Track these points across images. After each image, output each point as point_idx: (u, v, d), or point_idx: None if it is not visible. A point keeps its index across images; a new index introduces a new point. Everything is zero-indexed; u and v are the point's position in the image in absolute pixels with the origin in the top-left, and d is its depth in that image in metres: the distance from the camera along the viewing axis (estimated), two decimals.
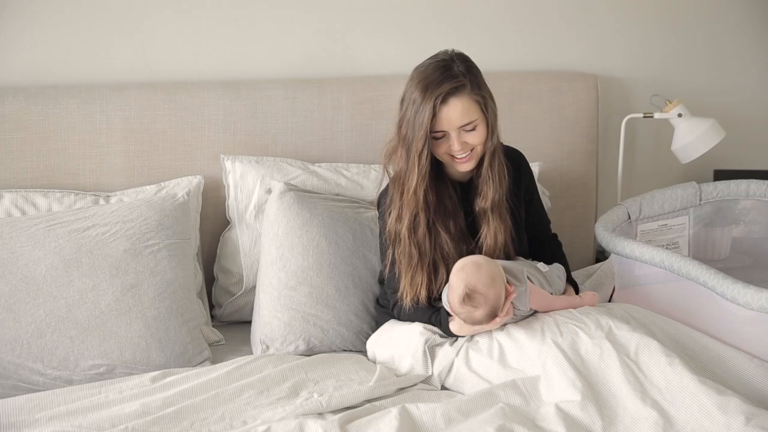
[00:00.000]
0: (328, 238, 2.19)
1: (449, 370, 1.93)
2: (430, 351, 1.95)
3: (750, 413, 1.60)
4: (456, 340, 1.97)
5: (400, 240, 2.00)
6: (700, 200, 2.49)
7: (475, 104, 1.95)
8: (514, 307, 1.91)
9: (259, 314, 2.20)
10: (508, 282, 1.89)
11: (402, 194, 1.99)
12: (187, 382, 1.88)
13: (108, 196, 2.31)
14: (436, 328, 2.00)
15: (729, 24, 2.84)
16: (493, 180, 2.01)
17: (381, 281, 2.17)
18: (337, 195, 2.34)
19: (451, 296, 1.89)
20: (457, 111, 1.93)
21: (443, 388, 1.94)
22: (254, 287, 2.29)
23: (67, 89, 2.38)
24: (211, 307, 2.40)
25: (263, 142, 2.45)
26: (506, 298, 1.88)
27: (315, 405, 1.76)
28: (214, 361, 2.10)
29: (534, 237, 2.18)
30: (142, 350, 2.05)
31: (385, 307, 2.14)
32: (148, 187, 2.35)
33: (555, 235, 2.27)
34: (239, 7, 2.52)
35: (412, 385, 1.92)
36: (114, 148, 2.38)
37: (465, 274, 1.87)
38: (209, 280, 2.41)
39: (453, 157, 1.99)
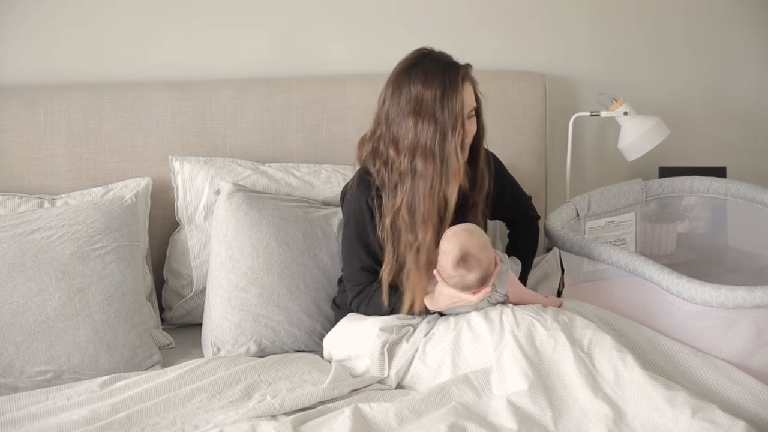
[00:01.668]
0: (278, 239, 2.18)
1: (408, 368, 1.93)
2: (389, 351, 1.94)
3: (696, 406, 1.64)
4: (413, 333, 1.96)
5: (418, 248, 1.94)
6: (646, 197, 2.54)
7: (473, 86, 1.97)
8: (493, 289, 1.92)
9: (210, 316, 2.19)
10: None
11: (441, 192, 1.92)
12: (137, 386, 1.85)
13: (53, 199, 2.27)
14: (394, 327, 1.98)
15: (671, 24, 2.90)
16: (489, 171, 2.03)
17: (339, 281, 2.16)
18: (287, 195, 2.33)
19: (443, 261, 1.90)
20: (470, 94, 1.95)
21: (399, 386, 1.94)
22: (204, 289, 2.27)
23: (10, 90, 2.33)
24: (161, 310, 2.37)
25: (212, 142, 2.43)
26: (495, 266, 1.90)
27: (268, 407, 1.75)
28: (164, 365, 2.08)
29: (516, 218, 2.21)
30: (91, 355, 2.01)
31: (341, 307, 2.13)
32: (94, 189, 2.31)
33: (537, 217, 2.30)
34: (187, 6, 2.49)
35: (367, 386, 1.91)
36: (59, 149, 2.33)
37: (459, 239, 1.89)
38: (159, 282, 2.38)
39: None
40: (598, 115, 2.70)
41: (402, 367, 1.93)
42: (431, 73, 1.91)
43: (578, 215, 2.41)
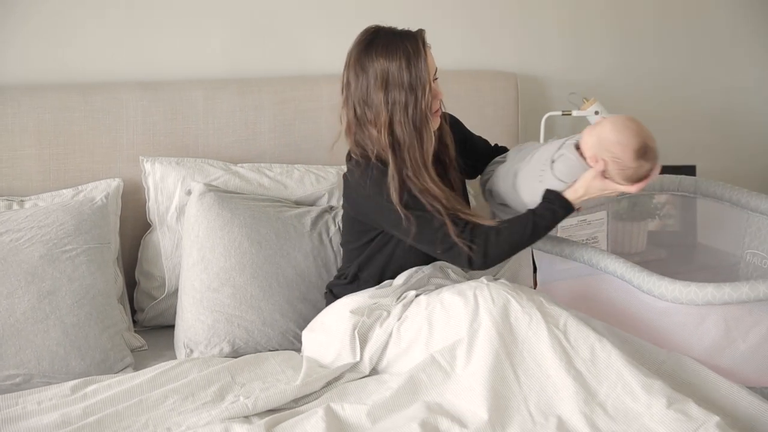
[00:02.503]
0: (250, 238, 2.17)
1: (382, 353, 1.91)
2: (361, 336, 1.92)
3: (672, 397, 1.64)
4: (386, 318, 1.94)
5: (428, 193, 1.93)
6: (617, 195, 2.56)
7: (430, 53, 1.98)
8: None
9: (182, 318, 2.17)
10: None
11: (422, 158, 1.93)
12: (108, 390, 1.84)
13: (22, 201, 2.24)
14: (366, 308, 1.95)
15: (641, 24, 2.93)
16: (451, 129, 2.06)
17: (339, 275, 2.14)
18: (259, 195, 2.32)
19: (620, 152, 1.90)
20: (431, 57, 1.96)
21: (374, 371, 1.92)
22: (177, 291, 2.25)
23: None
24: (133, 312, 2.35)
25: (184, 143, 2.41)
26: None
27: (241, 408, 1.74)
28: (136, 368, 2.06)
29: (482, 153, 2.23)
30: (61, 358, 1.99)
31: (338, 297, 2.07)
32: (64, 190, 2.28)
33: (496, 145, 2.31)
34: (158, 6, 2.47)
35: (341, 376, 1.89)
36: (28, 151, 2.30)
37: (635, 129, 1.92)
38: (131, 284, 2.36)
39: (435, 112, 1.97)
40: (570, 114, 2.71)
41: (375, 352, 1.90)
42: (392, 45, 1.92)
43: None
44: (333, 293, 2.11)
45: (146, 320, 2.34)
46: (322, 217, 2.30)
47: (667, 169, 2.70)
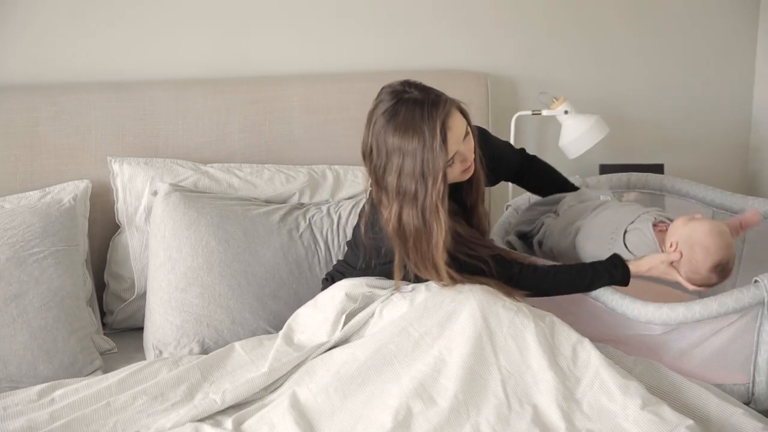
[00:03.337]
0: (217, 237, 2.16)
1: (360, 330, 1.89)
2: (347, 318, 1.91)
3: (647, 399, 1.65)
4: (372, 302, 1.93)
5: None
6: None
7: (460, 112, 1.87)
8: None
9: (151, 319, 2.16)
10: None
11: (430, 252, 1.84)
12: (76, 393, 1.82)
13: None
14: (360, 295, 1.93)
15: (610, 24, 2.95)
16: (483, 170, 1.99)
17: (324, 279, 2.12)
18: (227, 194, 2.31)
19: (700, 256, 1.91)
20: (458, 128, 1.84)
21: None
22: (146, 292, 2.24)
23: None
24: (103, 314, 2.33)
25: (153, 144, 2.40)
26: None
27: (210, 404, 1.74)
28: (106, 371, 2.04)
29: (508, 167, 2.21)
30: (28, 363, 1.97)
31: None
32: (31, 192, 2.26)
33: (532, 156, 2.30)
34: (127, 6, 2.45)
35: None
36: None
37: (725, 242, 1.93)
38: (100, 286, 2.34)
39: (465, 170, 1.91)
40: (540, 113, 2.73)
41: (349, 330, 1.89)
42: (411, 127, 1.80)
43: (518, 214, 2.43)
44: (334, 281, 2.08)
45: (116, 322, 2.32)
46: (292, 214, 2.30)
47: (635, 168, 2.74)
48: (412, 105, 1.81)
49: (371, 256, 1.95)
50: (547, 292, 1.97)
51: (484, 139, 2.08)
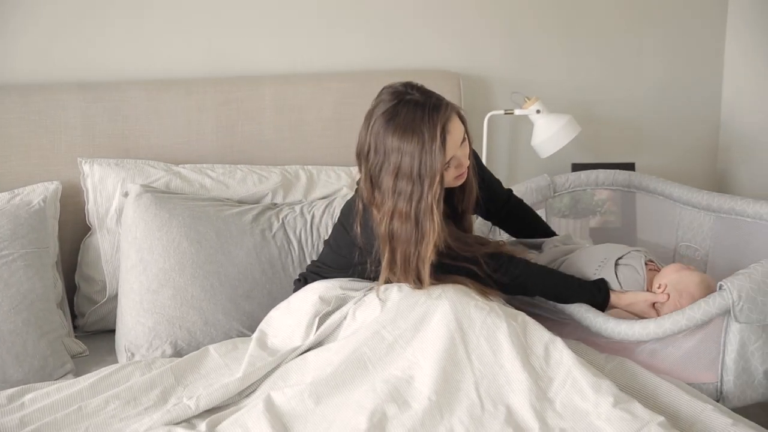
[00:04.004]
0: (189, 238, 2.15)
1: (333, 332, 1.90)
2: (320, 321, 1.91)
3: (619, 397, 1.67)
4: (345, 304, 1.94)
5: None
6: (554, 192, 2.60)
7: (458, 118, 1.87)
8: None
9: (123, 321, 2.15)
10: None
11: (417, 256, 1.85)
12: (47, 398, 1.80)
13: None
14: (334, 297, 1.94)
15: (582, 24, 2.97)
16: (476, 177, 2.00)
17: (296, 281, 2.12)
18: (200, 195, 2.29)
19: (684, 301, 1.97)
20: (456, 133, 1.84)
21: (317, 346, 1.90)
22: (118, 294, 2.22)
23: None
24: (74, 317, 2.31)
25: (124, 145, 2.38)
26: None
27: (184, 410, 1.73)
28: (77, 374, 2.02)
29: (495, 196, 2.20)
30: None
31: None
32: (0, 194, 2.23)
33: (509, 190, 2.30)
34: (98, 6, 2.43)
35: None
36: None
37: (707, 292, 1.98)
38: (71, 289, 2.32)
39: (458, 176, 1.91)
40: (512, 113, 2.75)
41: (322, 334, 1.89)
42: (410, 128, 1.80)
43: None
44: (307, 282, 2.08)
45: (87, 325, 2.30)
46: (264, 214, 2.29)
47: (606, 166, 2.76)
48: (413, 107, 1.81)
49: (365, 254, 1.95)
50: (527, 289, 2.00)
51: (477, 163, 2.10)
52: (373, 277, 1.95)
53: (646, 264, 2.07)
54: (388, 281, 1.91)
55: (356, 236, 1.94)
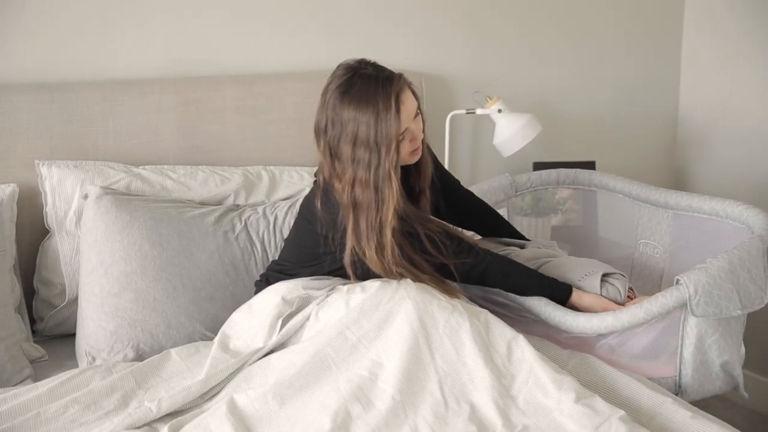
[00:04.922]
0: (151, 240, 2.13)
1: (295, 334, 1.89)
2: (283, 323, 1.91)
3: (580, 392, 1.69)
4: (308, 305, 1.94)
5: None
6: (516, 191, 2.62)
7: (411, 91, 1.94)
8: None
9: (83, 325, 2.12)
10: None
11: (378, 221, 1.88)
12: (5, 403, 1.76)
13: None
14: (297, 298, 1.94)
15: (542, 24, 3.00)
16: (431, 157, 2.04)
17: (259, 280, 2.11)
18: (161, 197, 2.27)
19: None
20: (410, 104, 1.91)
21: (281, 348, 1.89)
22: (78, 298, 2.19)
23: None
24: (33, 321, 2.27)
25: (82, 146, 2.34)
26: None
27: (145, 413, 1.71)
28: (36, 379, 1.99)
29: (452, 190, 2.22)
30: None
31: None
32: None
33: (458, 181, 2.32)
34: (54, 5, 2.39)
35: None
36: None
37: None
38: (29, 293, 2.28)
39: (413, 151, 1.96)
40: (474, 112, 2.76)
41: (285, 335, 1.89)
42: (364, 98, 1.86)
43: None
44: (269, 282, 2.07)
45: (47, 329, 2.27)
46: (227, 216, 2.27)
47: (568, 165, 2.79)
48: (367, 79, 1.89)
49: (328, 229, 1.96)
50: (487, 276, 2.01)
51: (432, 158, 2.14)
52: (339, 265, 1.96)
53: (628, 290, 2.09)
54: (353, 252, 1.92)
55: (319, 220, 1.96)
